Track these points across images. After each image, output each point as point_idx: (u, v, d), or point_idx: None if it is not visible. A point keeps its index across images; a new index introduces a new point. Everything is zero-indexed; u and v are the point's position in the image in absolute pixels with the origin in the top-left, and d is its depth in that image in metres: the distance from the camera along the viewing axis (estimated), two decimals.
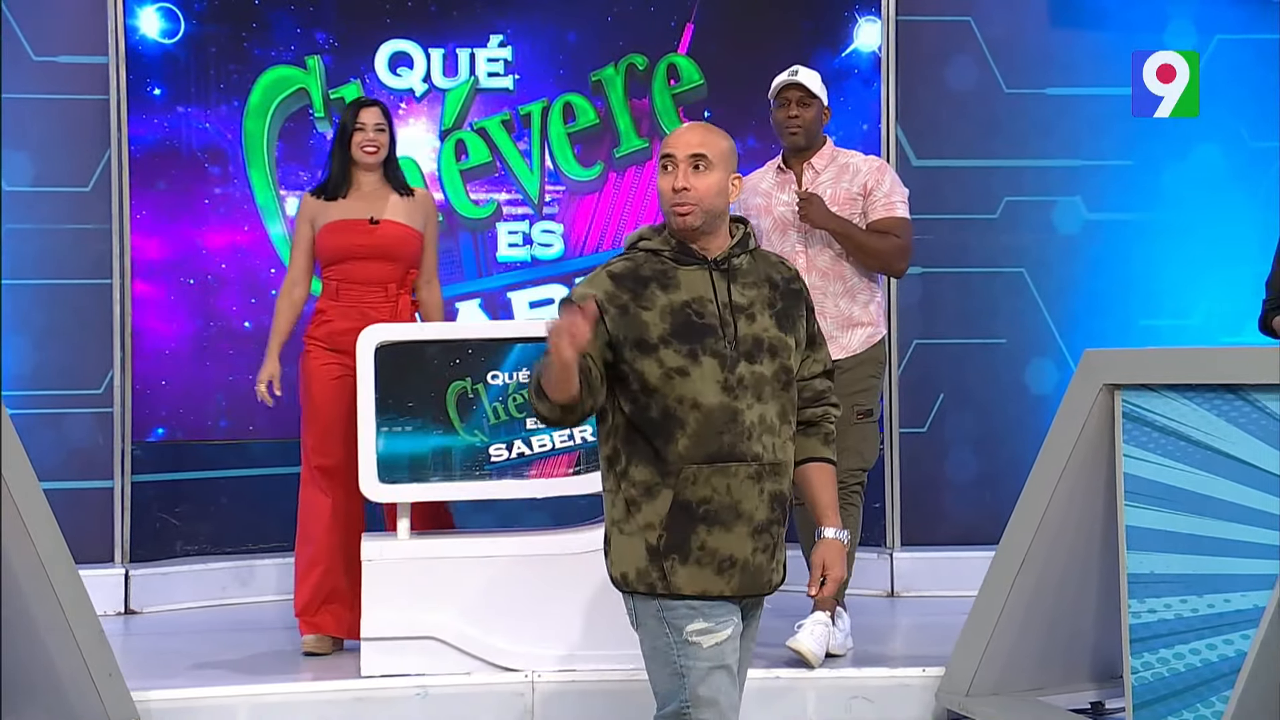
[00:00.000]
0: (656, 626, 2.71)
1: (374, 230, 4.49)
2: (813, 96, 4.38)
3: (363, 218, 4.50)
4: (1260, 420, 3.41)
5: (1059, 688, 4.07)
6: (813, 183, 4.42)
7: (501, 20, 5.84)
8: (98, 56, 5.48)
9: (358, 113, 4.55)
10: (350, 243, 4.48)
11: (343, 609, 4.47)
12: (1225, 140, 5.73)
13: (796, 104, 4.38)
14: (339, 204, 4.53)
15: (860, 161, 4.45)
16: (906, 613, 5.29)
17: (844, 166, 4.43)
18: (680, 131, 2.79)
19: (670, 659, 2.69)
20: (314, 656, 4.44)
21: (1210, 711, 3.45)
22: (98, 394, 5.51)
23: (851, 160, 4.46)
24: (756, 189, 4.51)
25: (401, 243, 4.52)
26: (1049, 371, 5.69)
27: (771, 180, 4.49)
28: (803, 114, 4.38)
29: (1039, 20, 5.74)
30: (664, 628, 2.70)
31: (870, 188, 4.39)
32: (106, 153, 5.49)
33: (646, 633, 2.74)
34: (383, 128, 4.55)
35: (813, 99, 4.39)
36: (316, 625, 4.47)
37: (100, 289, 5.49)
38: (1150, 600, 3.57)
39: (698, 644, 2.69)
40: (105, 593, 5.28)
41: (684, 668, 2.68)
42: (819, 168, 4.43)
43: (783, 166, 4.48)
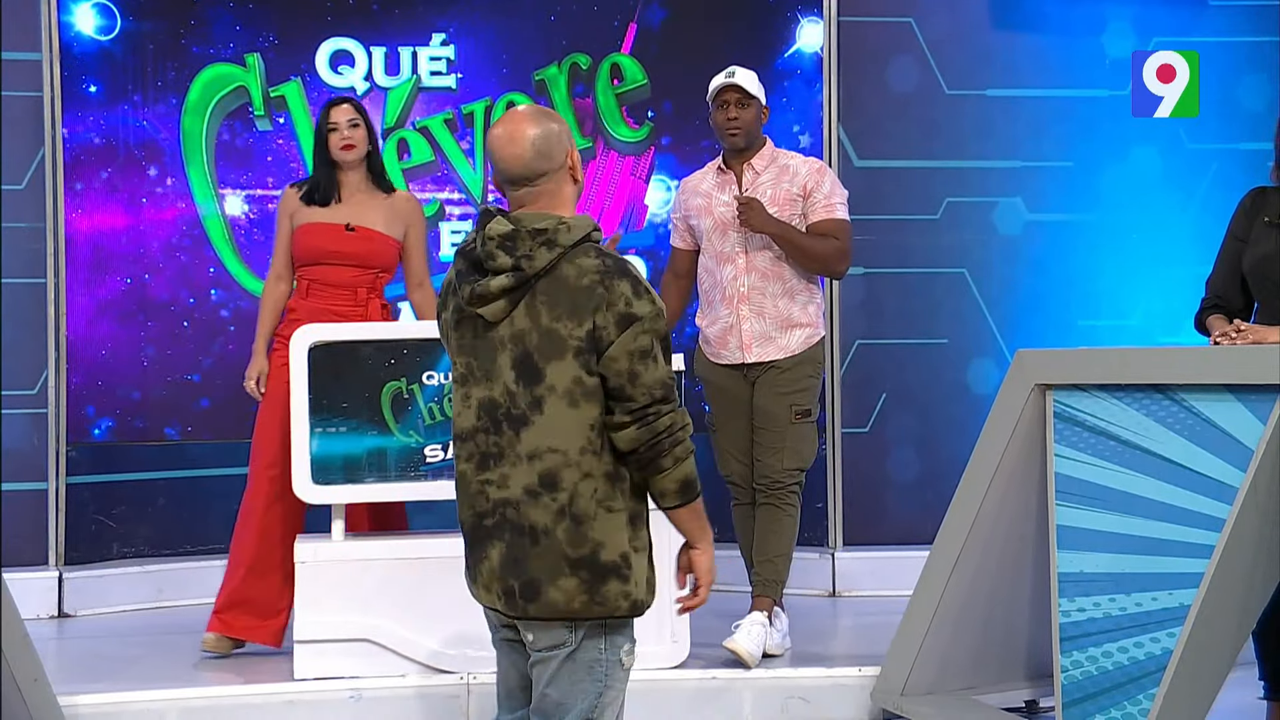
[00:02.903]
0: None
1: (349, 237, 4.46)
2: (750, 97, 4.39)
3: (339, 222, 4.47)
4: (1188, 420, 3.44)
5: (993, 686, 4.09)
6: (753, 183, 4.43)
7: (443, 19, 5.82)
8: (31, 53, 5.41)
9: (328, 113, 4.52)
10: (323, 247, 4.46)
11: (254, 617, 4.43)
12: (1163, 142, 5.78)
13: (735, 105, 4.39)
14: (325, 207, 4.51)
15: (800, 163, 4.47)
16: (847, 613, 5.31)
17: (784, 168, 4.45)
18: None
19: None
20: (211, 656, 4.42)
21: (1138, 709, 3.47)
22: (32, 395, 5.44)
23: (791, 161, 4.47)
24: (697, 190, 4.53)
25: (375, 252, 4.50)
26: (990, 372, 5.72)
27: (712, 181, 4.51)
28: (741, 115, 4.39)
29: (980, 21, 5.78)
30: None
31: (810, 189, 4.41)
32: (40, 150, 5.42)
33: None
34: (356, 123, 4.50)
35: (751, 100, 4.40)
36: (225, 624, 4.44)
37: (34, 288, 5.42)
38: (1080, 599, 3.59)
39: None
40: (39, 596, 5.23)
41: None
42: (759, 168, 4.45)
43: (723, 167, 4.49)
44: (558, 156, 2.61)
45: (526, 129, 2.60)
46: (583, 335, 2.52)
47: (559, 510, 2.54)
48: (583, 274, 2.53)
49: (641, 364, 2.52)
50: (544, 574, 2.55)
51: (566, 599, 2.54)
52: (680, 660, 4.25)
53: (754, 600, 4.38)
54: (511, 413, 2.56)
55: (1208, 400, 3.41)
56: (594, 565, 2.55)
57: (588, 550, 2.54)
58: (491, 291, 2.55)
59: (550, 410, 2.53)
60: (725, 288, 4.43)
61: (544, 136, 2.59)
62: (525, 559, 2.56)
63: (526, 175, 2.59)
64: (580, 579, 2.54)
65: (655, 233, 5.88)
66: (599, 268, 2.54)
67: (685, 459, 2.58)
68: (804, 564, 5.51)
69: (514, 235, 2.55)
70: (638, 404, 2.53)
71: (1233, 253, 3.88)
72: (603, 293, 2.52)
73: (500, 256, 2.54)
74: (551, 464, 2.54)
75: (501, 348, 2.57)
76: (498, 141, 2.61)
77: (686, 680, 4.21)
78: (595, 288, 2.52)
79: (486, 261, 2.56)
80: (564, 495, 2.54)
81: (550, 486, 2.54)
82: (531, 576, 2.55)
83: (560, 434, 2.53)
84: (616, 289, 2.52)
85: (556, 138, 2.61)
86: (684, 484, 2.58)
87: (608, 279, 2.53)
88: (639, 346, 2.52)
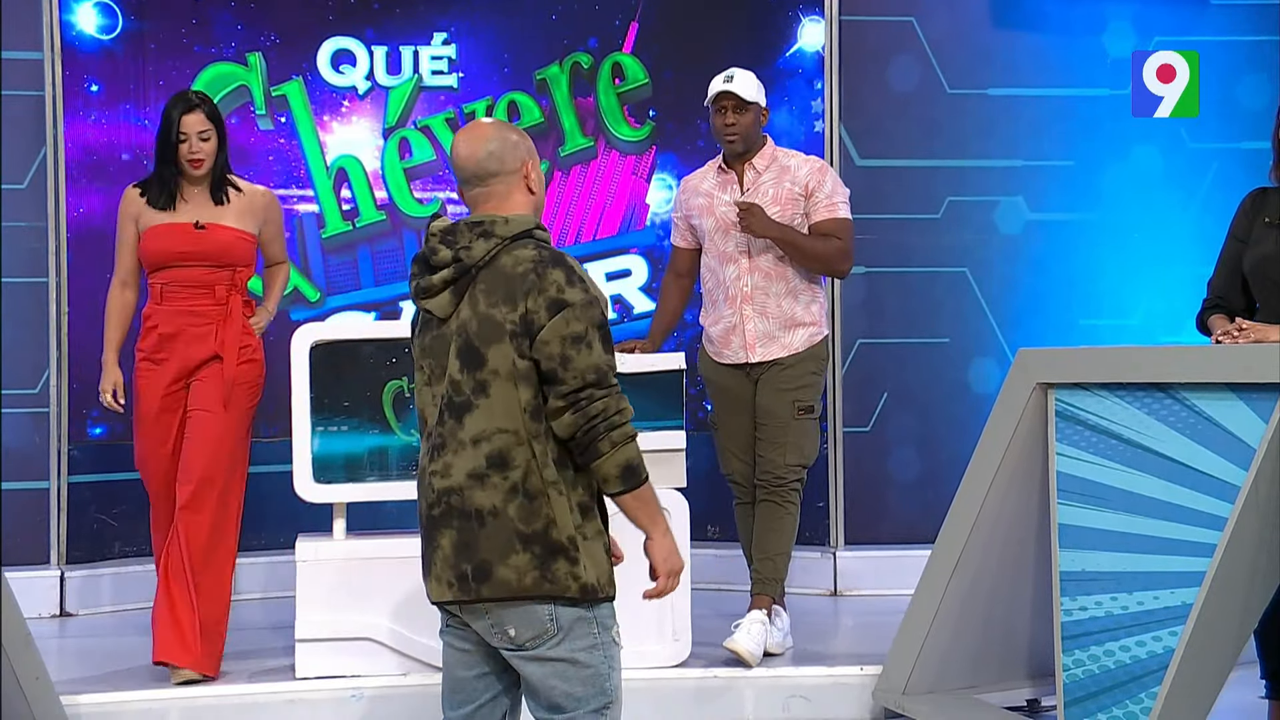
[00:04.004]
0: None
1: (199, 236, 4.18)
2: (748, 104, 4.37)
3: (187, 221, 4.19)
4: (1189, 419, 3.43)
5: (994, 685, 4.09)
6: (754, 183, 4.42)
7: (445, 18, 5.82)
8: (33, 52, 5.40)
9: (179, 118, 4.15)
10: (172, 249, 4.18)
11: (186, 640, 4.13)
12: (1165, 142, 5.78)
13: (732, 110, 4.38)
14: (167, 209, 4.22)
15: (801, 162, 4.47)
16: (848, 611, 5.30)
17: (785, 167, 4.44)
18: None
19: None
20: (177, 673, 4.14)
21: (1139, 708, 3.47)
22: (34, 394, 5.44)
23: (792, 161, 4.47)
24: (698, 189, 4.52)
25: (228, 248, 4.21)
26: (991, 371, 5.72)
27: (713, 181, 4.50)
28: (739, 120, 4.38)
29: (981, 21, 5.77)
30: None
31: (812, 188, 4.41)
32: (42, 149, 5.42)
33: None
34: (207, 135, 4.16)
35: (748, 105, 4.38)
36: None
37: (36, 287, 5.42)
38: (1082, 598, 3.58)
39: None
40: (40, 595, 5.23)
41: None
42: (760, 168, 4.44)
43: (724, 167, 4.49)
44: (510, 163, 2.68)
45: (486, 132, 2.70)
46: (516, 319, 2.57)
47: (511, 488, 2.58)
48: (519, 263, 2.60)
49: (574, 349, 2.56)
50: (494, 554, 2.58)
51: (518, 576, 2.57)
52: (682, 659, 4.25)
53: (753, 599, 4.37)
54: (454, 400, 2.61)
55: (1210, 399, 3.40)
56: (545, 541, 2.58)
57: (540, 525, 2.58)
58: (435, 285, 2.63)
59: (495, 392, 2.58)
60: (728, 287, 4.43)
61: (500, 141, 2.68)
62: (475, 542, 2.59)
63: (478, 174, 2.67)
64: (532, 554, 2.57)
65: (656, 232, 5.88)
66: (535, 257, 2.60)
67: (623, 444, 2.59)
68: (805, 563, 5.52)
69: (453, 229, 2.64)
70: (569, 387, 2.56)
71: (1233, 253, 3.87)
72: (534, 279, 2.57)
73: (441, 250, 2.63)
74: (501, 444, 2.58)
75: (451, 340, 2.63)
76: (456, 141, 2.71)
77: (688, 679, 4.21)
78: (529, 274, 2.58)
79: (430, 257, 2.64)
80: (516, 473, 2.58)
81: (500, 465, 2.58)
82: (482, 558, 2.58)
83: (506, 415, 2.58)
84: (549, 276, 2.58)
85: (513, 147, 2.69)
86: (625, 469, 2.59)
87: (541, 266, 2.59)
88: (571, 331, 2.56)
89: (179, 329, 4.18)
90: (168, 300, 4.21)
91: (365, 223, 5.84)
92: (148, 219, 4.22)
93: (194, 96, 4.24)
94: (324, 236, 5.81)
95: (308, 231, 5.80)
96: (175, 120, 4.14)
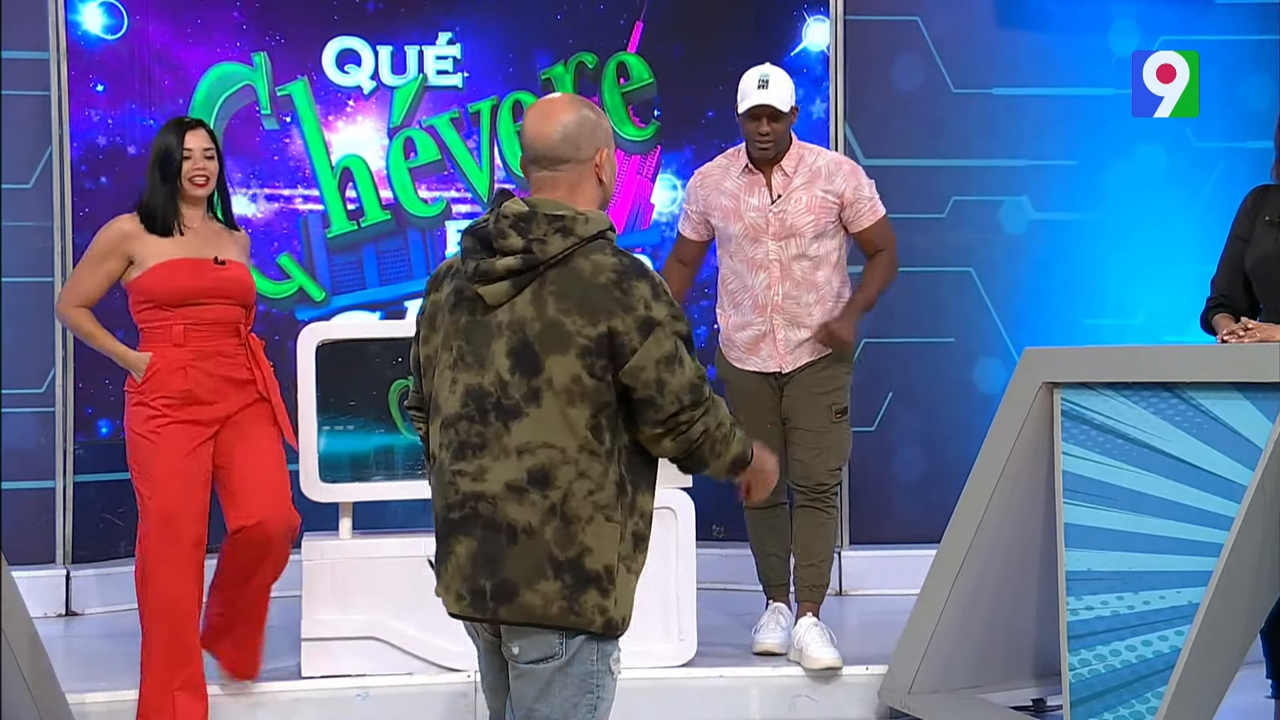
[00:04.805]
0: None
1: (221, 271, 3.91)
2: (784, 113, 4.21)
3: (204, 256, 3.89)
4: (1196, 418, 3.43)
5: (1000, 685, 4.09)
6: (785, 187, 4.28)
7: (450, 18, 5.82)
8: (38, 52, 5.40)
9: (183, 136, 3.90)
10: (196, 285, 3.86)
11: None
12: (1170, 141, 5.77)
13: (768, 120, 4.20)
14: (168, 240, 3.89)
15: (830, 163, 4.33)
16: (854, 611, 5.30)
17: (814, 170, 4.30)
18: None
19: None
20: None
21: (1145, 707, 3.46)
22: (39, 393, 5.44)
23: (820, 161, 4.33)
24: (720, 187, 4.35)
25: (247, 286, 3.99)
26: (996, 370, 5.71)
27: (738, 180, 4.33)
28: (774, 129, 4.21)
29: (986, 20, 5.77)
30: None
31: (849, 197, 4.30)
32: (48, 149, 5.42)
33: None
34: (212, 153, 3.92)
35: (784, 115, 4.22)
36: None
37: (41, 287, 5.41)
38: (1088, 597, 3.58)
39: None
40: (46, 594, 5.23)
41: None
42: (789, 170, 4.29)
43: (751, 167, 4.32)
44: (586, 148, 2.49)
45: (563, 111, 2.50)
46: (594, 336, 2.38)
47: (549, 509, 2.39)
48: (599, 270, 2.41)
49: (668, 370, 2.40)
50: (522, 576, 2.39)
51: (544, 603, 2.39)
52: (688, 658, 4.25)
53: (800, 606, 4.34)
54: (502, 403, 2.41)
55: (1216, 398, 3.40)
56: (578, 570, 2.39)
57: (575, 552, 2.39)
58: (497, 271, 2.42)
59: (548, 404, 2.39)
60: (757, 296, 4.31)
61: (578, 123, 2.49)
62: (500, 558, 2.40)
63: (549, 157, 2.49)
64: (563, 583, 2.39)
65: (661, 232, 5.87)
66: (616, 266, 2.42)
67: (726, 452, 2.50)
68: None
69: (529, 217, 2.43)
70: (666, 412, 2.40)
71: (1236, 252, 3.87)
72: (620, 295, 2.39)
73: (512, 236, 2.42)
74: (545, 459, 2.39)
75: (498, 333, 2.43)
76: (531, 117, 2.52)
77: (694, 678, 4.21)
78: (612, 288, 2.40)
79: (496, 240, 2.43)
80: (556, 494, 2.39)
81: (541, 483, 2.39)
82: (506, 577, 2.40)
83: (557, 430, 2.39)
84: (635, 291, 2.40)
85: (591, 130, 2.50)
86: (733, 465, 2.53)
87: (625, 279, 2.41)
88: (664, 353, 2.40)
89: (209, 373, 3.88)
90: (193, 340, 3.87)
91: (370, 222, 5.83)
92: (152, 252, 3.88)
93: (191, 118, 4.05)
94: (329, 236, 5.81)
95: (313, 231, 5.80)
96: (178, 138, 3.90)
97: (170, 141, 3.90)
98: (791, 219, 4.27)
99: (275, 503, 3.90)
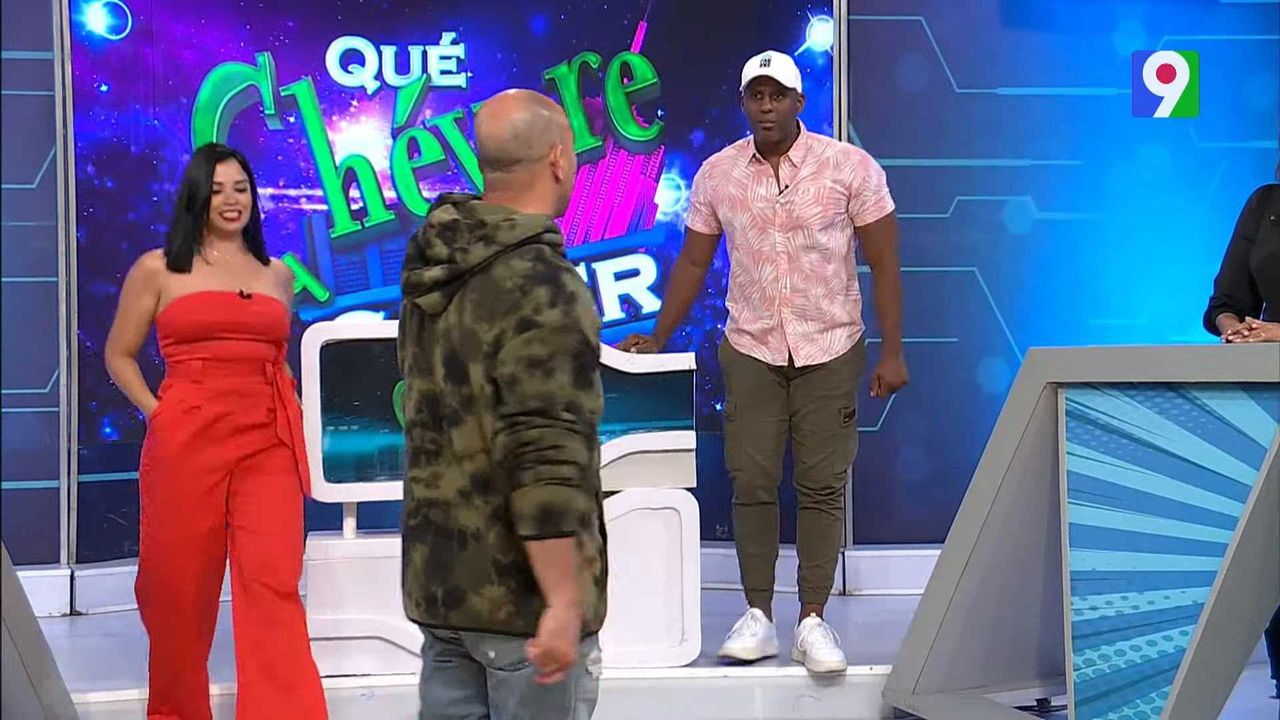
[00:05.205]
0: None
1: (247, 305, 3.69)
2: (786, 89, 4.15)
3: (229, 289, 3.67)
4: (1200, 418, 3.43)
5: (1004, 685, 4.09)
6: (792, 178, 4.22)
7: (454, 18, 5.82)
8: (43, 52, 5.41)
9: (213, 168, 3.66)
10: (219, 320, 3.64)
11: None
12: (1173, 141, 5.77)
13: (770, 97, 4.14)
14: (193, 274, 3.68)
15: (837, 154, 4.27)
16: (858, 611, 5.30)
17: (823, 160, 4.24)
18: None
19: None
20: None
21: (1150, 707, 3.46)
22: (44, 394, 5.45)
23: (829, 151, 4.27)
24: (729, 176, 4.29)
25: (277, 321, 3.76)
26: (1000, 370, 5.71)
27: (745, 170, 4.27)
28: (776, 107, 4.14)
29: (989, 20, 5.77)
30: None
31: (857, 188, 4.23)
32: (52, 149, 5.42)
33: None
34: (244, 185, 3.69)
35: (786, 91, 4.15)
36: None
37: (46, 287, 5.43)
38: (1092, 597, 3.58)
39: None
40: (50, 593, 5.24)
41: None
42: (796, 160, 4.23)
43: (759, 157, 4.26)
44: (538, 147, 2.40)
45: (513, 109, 2.41)
46: (491, 340, 2.32)
47: (491, 514, 2.34)
48: (510, 276, 2.33)
49: (526, 372, 2.28)
50: (469, 581, 2.35)
51: (491, 609, 2.34)
52: (691, 659, 4.25)
53: (804, 607, 4.32)
54: (445, 410, 2.38)
55: (1221, 398, 3.40)
56: (523, 575, 2.32)
57: (521, 556, 2.31)
58: (425, 282, 2.39)
59: (477, 411, 2.34)
60: (765, 288, 4.25)
61: (528, 121, 2.39)
62: (451, 564, 2.36)
63: (500, 158, 2.40)
64: (508, 588, 2.33)
65: (665, 232, 5.87)
66: (527, 271, 2.33)
67: (549, 483, 2.26)
68: None
69: (454, 226, 2.38)
70: (508, 410, 2.28)
71: (1240, 252, 3.87)
72: (517, 297, 2.31)
73: (438, 246, 2.38)
74: (484, 466, 2.34)
75: (439, 341, 2.39)
76: (481, 116, 2.45)
77: (697, 679, 4.21)
78: (514, 292, 2.32)
79: (425, 250, 2.40)
80: (497, 498, 2.33)
81: (483, 489, 2.35)
82: (456, 583, 2.36)
83: (485, 437, 2.34)
84: (531, 294, 2.31)
85: (543, 127, 2.40)
86: (542, 511, 2.26)
87: (528, 284, 2.31)
88: (529, 354, 2.28)
89: (228, 410, 3.67)
90: (212, 377, 3.65)
91: (374, 222, 5.83)
92: (176, 285, 3.68)
93: (223, 147, 3.83)
94: (333, 236, 5.82)
95: (317, 231, 5.80)
96: (208, 171, 3.66)
97: (199, 175, 3.67)
98: (799, 210, 4.21)
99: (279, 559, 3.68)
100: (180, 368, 3.67)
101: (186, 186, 3.68)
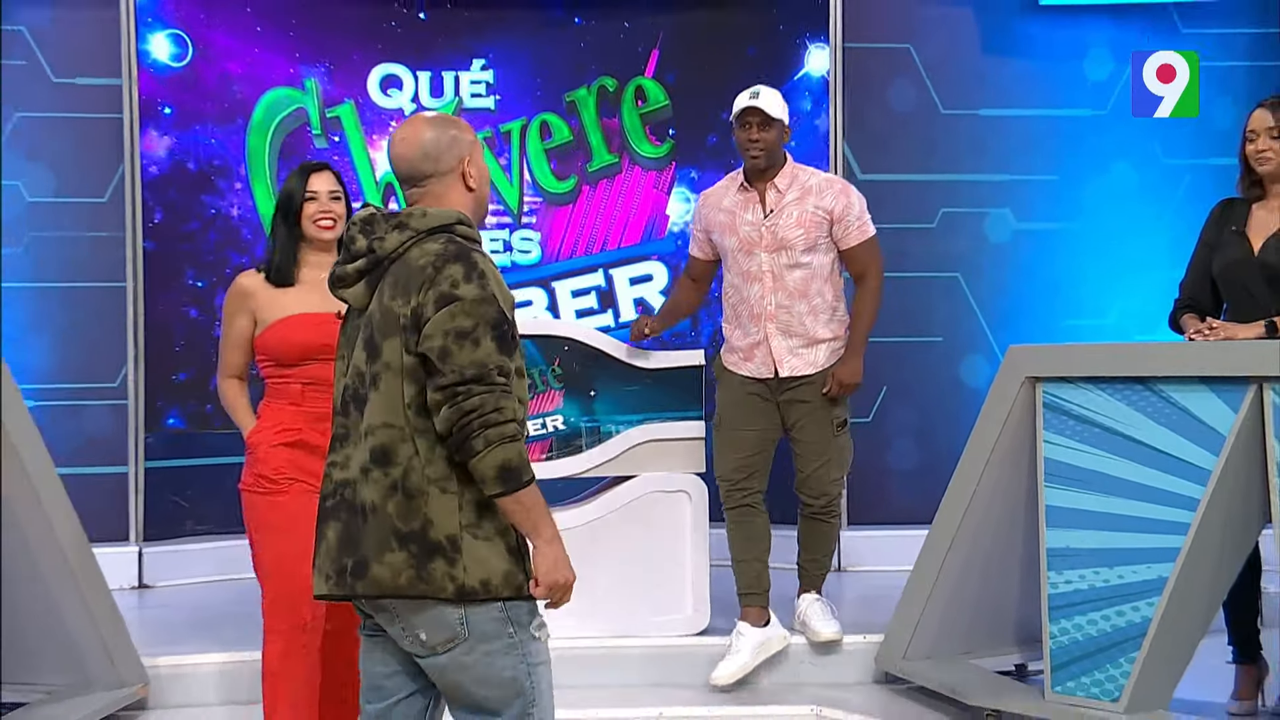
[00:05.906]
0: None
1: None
2: (773, 120, 4.11)
3: (325, 310, 3.28)
4: (1165, 409, 3.45)
5: (986, 651, 4.11)
6: (777, 203, 4.17)
7: (484, 45, 5.86)
8: (112, 79, 5.47)
9: (307, 178, 3.39)
10: (316, 342, 3.28)
11: None
12: (1140, 157, 5.78)
13: (757, 127, 4.10)
14: (289, 293, 3.36)
15: (823, 182, 4.20)
16: (852, 586, 5.32)
17: (807, 187, 4.17)
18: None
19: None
20: None
21: (1119, 671, 3.49)
22: (114, 387, 5.51)
23: (813, 180, 4.20)
24: (719, 205, 4.27)
25: None
26: (982, 367, 5.73)
27: (734, 198, 4.24)
28: (763, 137, 4.10)
29: (972, 47, 5.78)
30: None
31: (839, 213, 4.15)
32: (121, 167, 5.48)
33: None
34: (338, 195, 3.41)
35: (773, 122, 4.11)
36: None
37: (116, 291, 5.49)
38: (1067, 572, 3.60)
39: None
40: (121, 568, 5.29)
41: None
42: (782, 187, 4.19)
43: (746, 185, 4.23)
44: (446, 160, 2.43)
45: (420, 131, 2.44)
46: (408, 313, 2.33)
47: (391, 485, 2.32)
48: (423, 256, 2.35)
49: (456, 343, 2.29)
50: (372, 550, 2.33)
51: (393, 574, 2.31)
52: (701, 628, 4.27)
53: (802, 585, 4.29)
54: (359, 393, 2.39)
55: (1184, 391, 3.42)
56: (422, 541, 2.31)
57: (418, 524, 2.31)
58: (349, 274, 2.42)
59: (385, 385, 2.34)
60: (752, 305, 4.18)
61: (434, 140, 2.43)
62: (359, 537, 2.35)
63: (413, 175, 2.44)
64: (409, 553, 2.31)
65: (675, 241, 5.90)
66: (440, 251, 2.35)
67: (500, 444, 2.28)
68: None
69: (371, 219, 2.42)
70: (446, 381, 2.28)
71: (1203, 258, 3.88)
72: (431, 273, 2.32)
73: (359, 240, 2.41)
74: (385, 439, 2.33)
75: (361, 329, 2.42)
76: (393, 140, 2.47)
77: (704, 647, 4.23)
78: (427, 268, 2.33)
79: (349, 246, 2.43)
80: (397, 470, 2.32)
81: (383, 461, 2.33)
82: (362, 554, 2.34)
83: (395, 409, 2.33)
84: (445, 271, 2.32)
85: (450, 143, 2.43)
86: (501, 470, 2.29)
87: (441, 261, 2.33)
88: (456, 326, 2.29)
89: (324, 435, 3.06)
90: (310, 401, 3.32)
91: None
92: (274, 309, 3.35)
93: (318, 161, 3.54)
94: None
95: None
96: (302, 181, 3.39)
97: (293, 185, 3.39)
98: (783, 232, 4.15)
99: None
100: (280, 388, 3.36)
101: (282, 198, 3.41)
